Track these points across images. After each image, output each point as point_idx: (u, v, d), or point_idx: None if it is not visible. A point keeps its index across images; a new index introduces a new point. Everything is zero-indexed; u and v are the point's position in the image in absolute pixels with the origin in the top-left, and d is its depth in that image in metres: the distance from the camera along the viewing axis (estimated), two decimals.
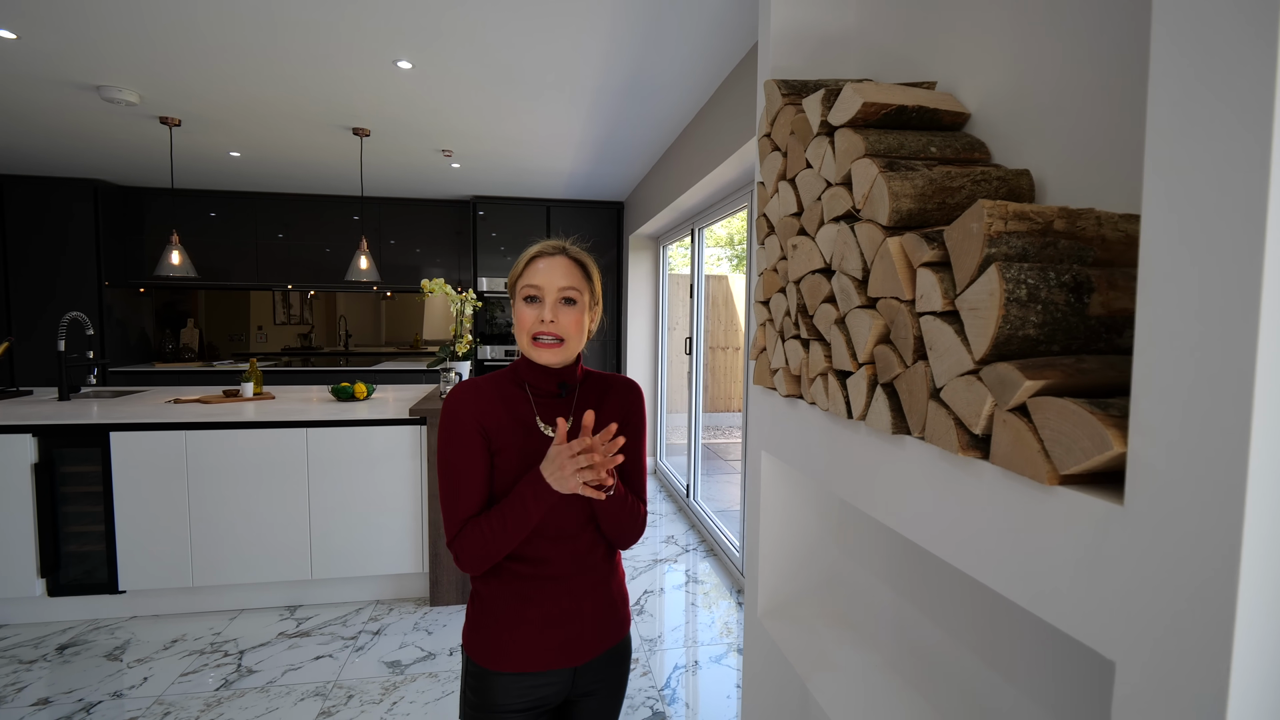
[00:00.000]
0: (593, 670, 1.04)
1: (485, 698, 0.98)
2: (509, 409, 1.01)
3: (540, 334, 1.00)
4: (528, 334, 1.00)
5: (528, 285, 1.00)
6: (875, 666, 1.27)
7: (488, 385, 1.03)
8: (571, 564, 1.01)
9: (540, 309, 1.00)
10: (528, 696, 0.98)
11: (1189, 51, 0.52)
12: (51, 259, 4.47)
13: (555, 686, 1.00)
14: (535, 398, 1.04)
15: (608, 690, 1.07)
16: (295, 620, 2.63)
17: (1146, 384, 0.54)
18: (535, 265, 1.01)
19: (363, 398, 3.10)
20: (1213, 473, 0.48)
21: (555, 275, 1.00)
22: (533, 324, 1.00)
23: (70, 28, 2.13)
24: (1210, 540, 0.48)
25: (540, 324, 0.99)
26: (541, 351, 1.01)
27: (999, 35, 0.98)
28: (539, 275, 1.01)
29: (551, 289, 1.00)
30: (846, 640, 1.36)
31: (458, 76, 2.53)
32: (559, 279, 1.01)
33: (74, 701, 2.06)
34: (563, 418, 1.00)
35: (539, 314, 1.00)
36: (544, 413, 1.03)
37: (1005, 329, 0.68)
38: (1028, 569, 0.67)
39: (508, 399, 1.02)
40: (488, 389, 1.02)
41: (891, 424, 0.87)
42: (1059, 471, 0.61)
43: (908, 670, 1.22)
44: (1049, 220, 0.73)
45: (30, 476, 2.50)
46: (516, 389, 1.03)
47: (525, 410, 1.02)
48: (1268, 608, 0.47)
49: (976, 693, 1.05)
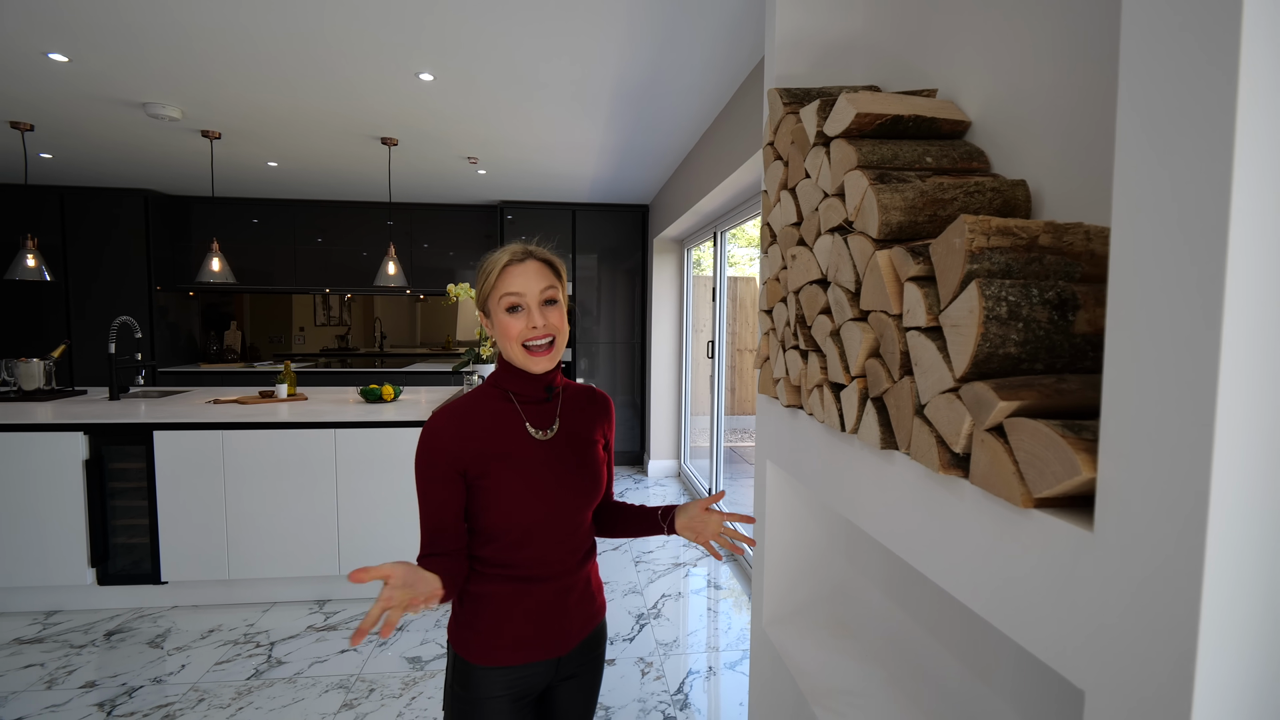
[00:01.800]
0: (574, 657, 1.07)
1: (473, 690, 1.00)
2: (496, 427, 1.00)
3: (531, 340, 0.99)
4: (517, 343, 0.99)
5: (509, 294, 0.98)
6: (878, 682, 1.25)
7: (469, 409, 1.01)
8: (563, 562, 1.04)
9: (526, 315, 0.99)
10: (514, 688, 1.01)
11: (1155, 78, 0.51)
12: (107, 264, 4.73)
13: (540, 676, 1.04)
14: (523, 405, 1.04)
15: (588, 671, 1.11)
16: (324, 614, 2.73)
17: (1115, 410, 0.53)
18: (510, 273, 0.99)
19: (390, 399, 3.19)
20: (1178, 503, 0.47)
21: (532, 279, 0.99)
22: (522, 332, 0.98)
23: (117, 50, 2.25)
24: (1175, 572, 0.47)
25: (531, 330, 0.98)
26: (538, 359, 1.00)
27: (1000, 43, 0.96)
28: (517, 282, 0.98)
29: (533, 293, 0.99)
30: (850, 653, 1.35)
31: (478, 87, 2.58)
32: (537, 282, 0.99)
33: (118, 685, 2.19)
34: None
35: (526, 321, 0.98)
36: (533, 419, 1.04)
37: (985, 347, 0.67)
38: (1004, 592, 0.66)
39: (493, 416, 1.01)
40: (469, 414, 1.00)
41: (880, 439, 0.87)
42: (1033, 494, 0.60)
43: (910, 688, 1.20)
44: (1034, 235, 0.72)
45: (82, 472, 2.65)
46: (502, 403, 1.03)
47: (515, 421, 1.02)
48: (1230, 644, 0.46)
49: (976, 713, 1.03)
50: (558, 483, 1.02)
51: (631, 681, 2.24)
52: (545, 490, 1.00)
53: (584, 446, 1.08)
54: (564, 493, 1.02)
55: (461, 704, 1.01)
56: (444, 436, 0.97)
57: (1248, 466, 0.45)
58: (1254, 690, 0.47)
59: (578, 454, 1.06)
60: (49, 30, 2.11)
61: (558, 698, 1.09)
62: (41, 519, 2.64)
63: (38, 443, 2.62)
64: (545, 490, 1.00)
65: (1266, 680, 0.47)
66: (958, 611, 1.07)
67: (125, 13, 1.99)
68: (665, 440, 5.15)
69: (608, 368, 5.35)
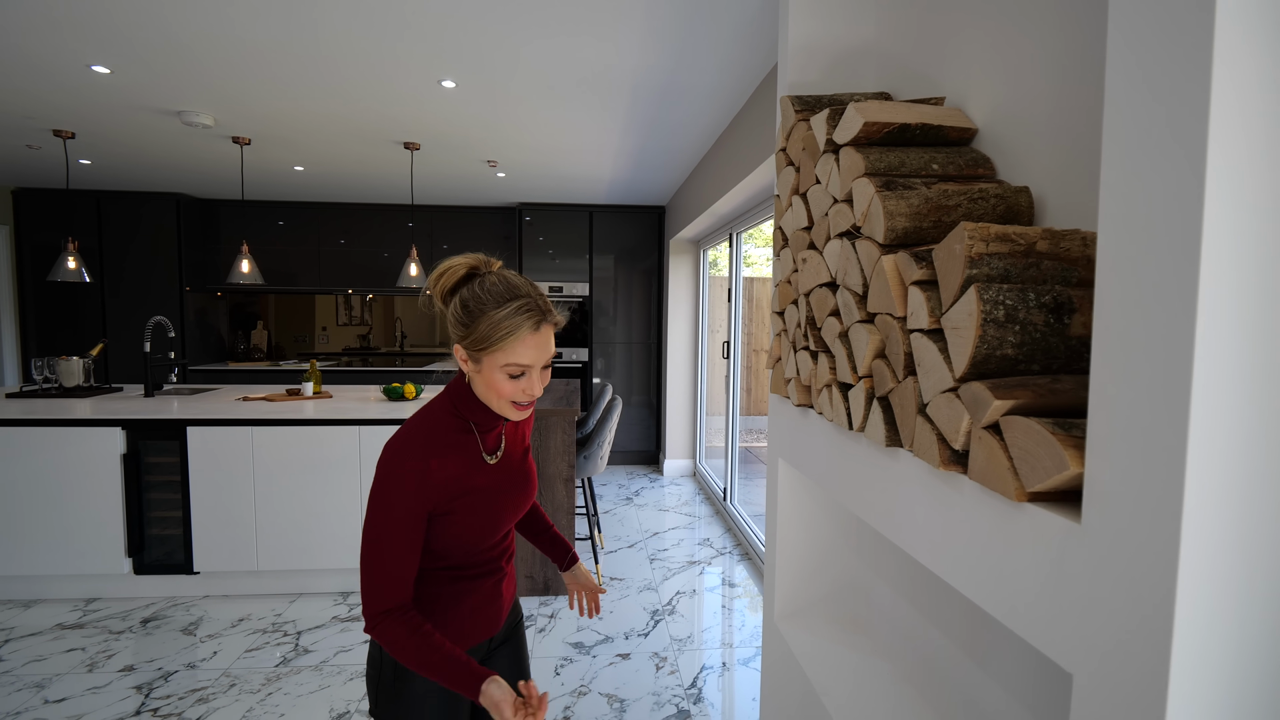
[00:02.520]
0: (500, 633, 1.16)
1: (406, 684, 1.01)
2: (460, 461, 0.99)
3: (521, 404, 0.97)
4: (506, 399, 0.96)
5: (515, 364, 0.93)
6: (886, 676, 1.28)
7: (435, 445, 0.96)
8: (500, 559, 1.11)
9: (526, 382, 0.95)
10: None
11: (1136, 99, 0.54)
12: (140, 266, 4.89)
13: (480, 654, 1.11)
14: (481, 434, 1.03)
15: (514, 639, 1.20)
16: (347, 605, 2.81)
17: (1100, 410, 0.56)
18: (525, 343, 0.92)
19: (412, 398, 3.27)
20: (1156, 497, 0.50)
21: (543, 349, 0.95)
22: (515, 393, 0.95)
23: (156, 62, 2.35)
24: (1153, 561, 0.50)
25: (526, 395, 0.96)
26: (520, 412, 0.98)
27: (1008, 52, 0.98)
28: (529, 354, 0.93)
29: (540, 363, 0.95)
30: (860, 647, 1.38)
31: (497, 93, 2.64)
32: (545, 351, 0.95)
33: (154, 670, 2.28)
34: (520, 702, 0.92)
35: (524, 386, 0.95)
36: (488, 445, 1.04)
37: (983, 348, 0.70)
38: (999, 581, 0.69)
39: (458, 449, 0.99)
40: (436, 451, 0.96)
41: (885, 437, 0.90)
42: (1026, 489, 0.64)
43: (918, 680, 1.23)
44: (1032, 242, 0.75)
45: (120, 466, 2.77)
46: (463, 434, 1.00)
47: (474, 451, 1.02)
48: (1203, 629, 0.49)
49: (984, 709, 1.06)
50: (508, 503, 1.06)
51: (646, 675, 2.29)
52: (500, 514, 1.05)
53: (521, 459, 1.12)
54: (512, 511, 1.08)
55: (394, 700, 1.01)
56: (413, 480, 0.92)
57: (1220, 464, 0.48)
58: (1227, 671, 0.50)
59: (518, 469, 1.10)
60: (94, 44, 2.21)
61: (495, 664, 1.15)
62: (82, 510, 2.76)
63: (79, 437, 2.74)
64: (500, 514, 1.05)
65: (1239, 662, 0.50)
66: (964, 606, 1.09)
67: (165, 27, 2.08)
68: (681, 440, 5.19)
69: (624, 368, 5.40)
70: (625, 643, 2.52)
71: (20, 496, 2.73)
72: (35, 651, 2.40)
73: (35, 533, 2.75)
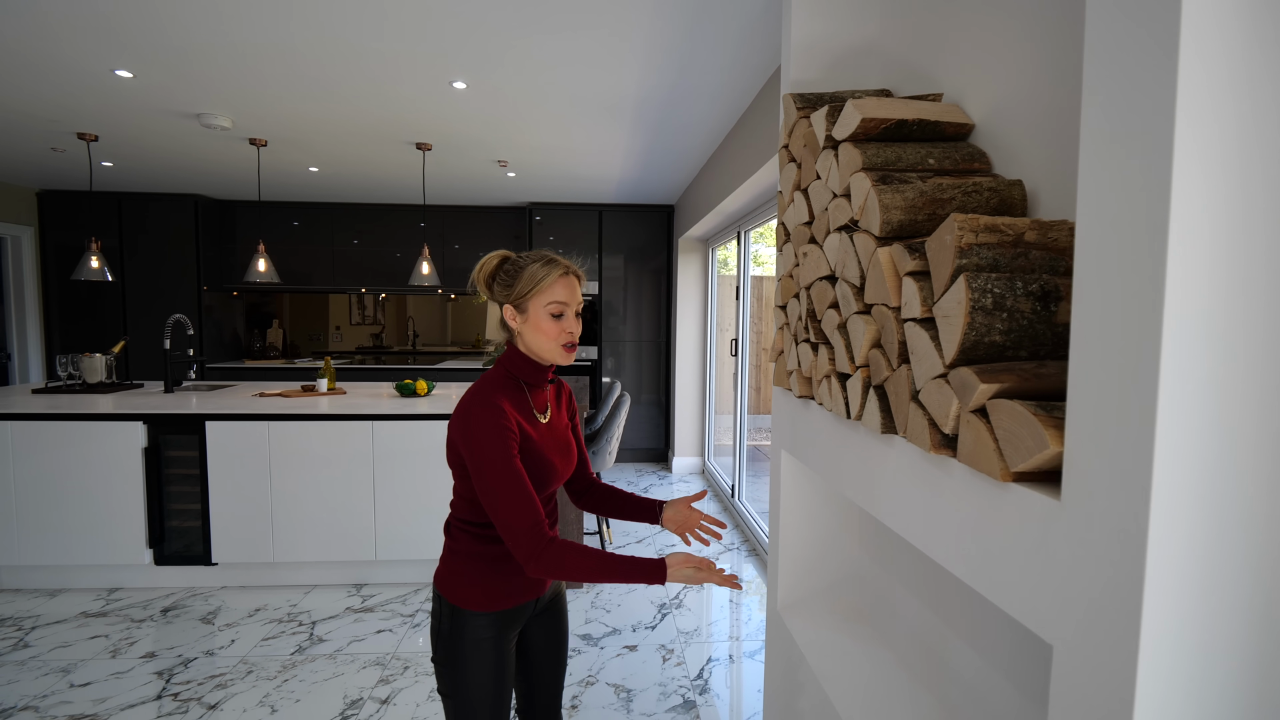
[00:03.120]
0: (545, 598, 1.27)
1: (469, 633, 1.14)
2: (521, 410, 1.17)
3: (568, 343, 1.17)
4: (555, 341, 1.15)
5: (556, 302, 1.14)
6: (886, 663, 1.30)
7: (501, 394, 1.13)
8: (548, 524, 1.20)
9: (565, 322, 1.16)
10: (503, 628, 1.17)
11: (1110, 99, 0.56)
12: (158, 265, 5.00)
13: (524, 614, 1.22)
14: (531, 392, 1.21)
15: (554, 609, 1.30)
16: (360, 597, 2.87)
17: (1078, 392, 0.58)
18: (560, 284, 1.14)
19: (424, 394, 3.32)
20: (1127, 474, 0.52)
21: (575, 293, 1.17)
22: (560, 334, 1.15)
23: (177, 66, 2.42)
24: (1125, 536, 0.53)
25: (568, 334, 1.16)
26: (569, 354, 1.18)
27: (1001, 50, 1.01)
28: (564, 293, 1.15)
29: (574, 304, 1.17)
30: (860, 636, 1.40)
31: (508, 94, 2.69)
32: (576, 296, 1.18)
33: (174, 657, 2.35)
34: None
35: (564, 326, 1.15)
36: (537, 404, 1.22)
37: (971, 335, 0.73)
38: (987, 560, 0.71)
39: (517, 400, 1.17)
40: (507, 396, 1.14)
41: (881, 424, 0.93)
42: (1010, 469, 0.66)
43: (917, 667, 1.25)
44: (1020, 232, 0.77)
45: (141, 460, 2.84)
46: (516, 390, 1.17)
47: (525, 404, 1.19)
48: (1170, 600, 0.51)
49: (982, 695, 1.08)
50: (555, 462, 1.19)
51: (653, 666, 2.32)
52: (549, 469, 1.17)
53: (564, 430, 1.28)
54: (558, 468, 1.20)
55: (452, 643, 1.15)
56: (494, 417, 1.08)
57: (1186, 443, 0.50)
58: (1194, 639, 0.52)
59: (562, 435, 1.26)
60: (118, 49, 2.28)
61: (530, 634, 1.27)
62: (104, 502, 2.84)
63: (102, 432, 2.82)
64: (549, 469, 1.17)
65: (1206, 630, 0.52)
66: (960, 593, 1.12)
67: (186, 31, 2.14)
68: (689, 438, 5.21)
69: (633, 366, 5.43)
70: (633, 635, 2.55)
71: (46, 489, 2.82)
72: (61, 638, 2.47)
73: (60, 524, 2.83)
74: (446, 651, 1.15)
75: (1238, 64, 0.49)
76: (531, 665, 1.28)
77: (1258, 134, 0.49)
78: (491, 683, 1.15)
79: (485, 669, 1.14)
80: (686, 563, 1.06)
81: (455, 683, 1.14)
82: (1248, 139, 0.49)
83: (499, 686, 1.16)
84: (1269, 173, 0.50)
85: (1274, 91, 0.49)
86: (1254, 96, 0.49)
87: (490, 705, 1.15)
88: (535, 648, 1.28)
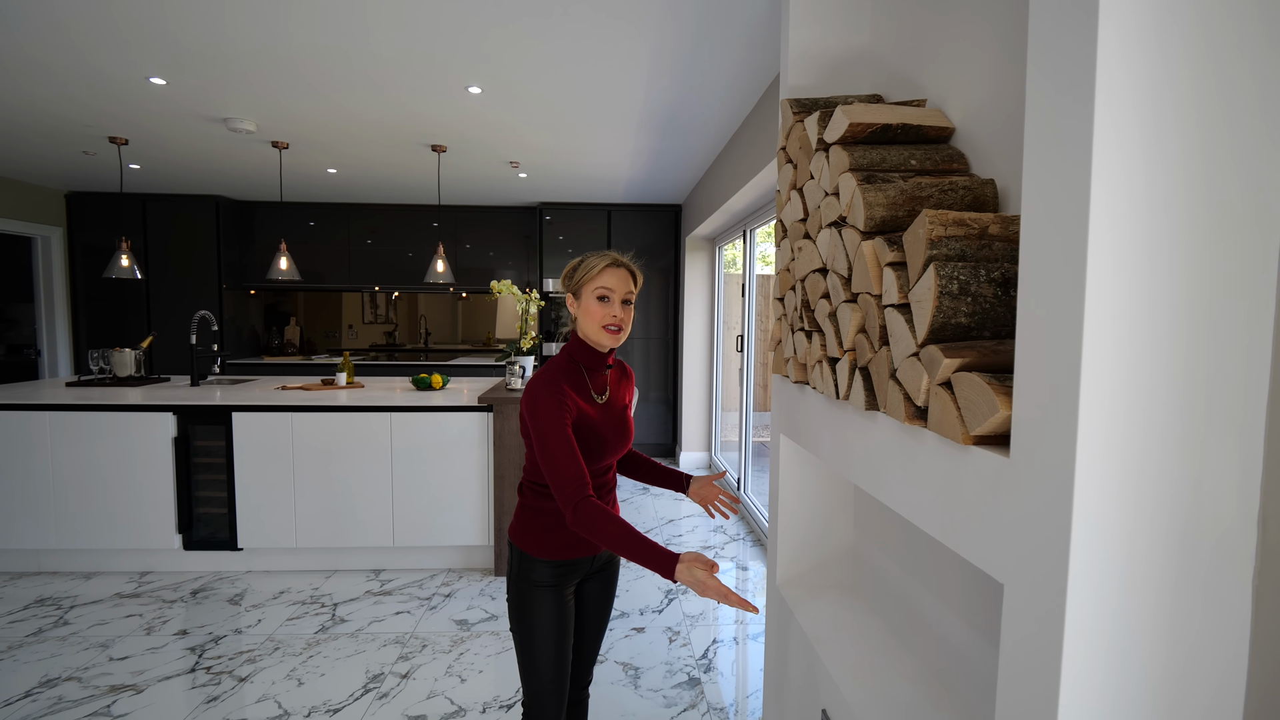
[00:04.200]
0: (600, 558, 1.43)
1: (534, 577, 1.34)
2: (579, 390, 1.34)
3: (610, 325, 1.32)
4: (599, 324, 1.31)
5: (603, 287, 1.31)
6: (874, 630, 1.39)
7: (560, 374, 1.32)
8: (602, 491, 1.40)
9: (610, 306, 1.31)
10: (562, 577, 1.35)
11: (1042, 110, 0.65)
12: (181, 264, 5.16)
13: (580, 569, 1.39)
14: (590, 375, 1.37)
15: (608, 572, 1.48)
16: (379, 582, 2.98)
17: (1023, 362, 0.68)
18: (607, 273, 1.31)
19: (439, 388, 3.44)
20: (1058, 434, 0.62)
21: (621, 282, 1.32)
22: (604, 317, 1.31)
23: (208, 72, 2.55)
24: (1055, 486, 0.62)
25: (612, 318, 1.31)
26: (611, 336, 1.33)
27: (979, 58, 1.10)
28: (611, 280, 1.31)
29: (620, 292, 1.32)
30: (852, 607, 1.49)
31: (522, 98, 2.79)
32: (624, 285, 1.33)
33: (205, 634, 2.48)
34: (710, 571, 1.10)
35: (609, 310, 1.31)
36: (595, 386, 1.38)
37: (939, 318, 0.82)
38: (951, 515, 0.81)
39: (576, 382, 1.34)
40: (561, 376, 1.32)
41: (865, 401, 1.02)
42: (970, 433, 0.76)
43: (904, 633, 1.34)
44: (985, 226, 0.86)
45: (171, 449, 2.97)
46: (576, 373, 1.34)
47: (584, 385, 1.35)
48: (1093, 539, 0.60)
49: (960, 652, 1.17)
50: (611, 438, 1.37)
51: (659, 647, 2.42)
52: (605, 444, 1.35)
53: (622, 409, 1.44)
54: (612, 443, 1.37)
55: (521, 586, 1.34)
56: (555, 398, 1.25)
57: (1105, 406, 0.59)
58: (1116, 570, 0.61)
59: (618, 415, 1.41)
60: (155, 58, 2.41)
61: (585, 591, 1.45)
62: (136, 490, 2.97)
63: (134, 422, 2.96)
64: (605, 444, 1.35)
65: (1126, 562, 0.61)
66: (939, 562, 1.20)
67: (219, 40, 2.26)
68: (696, 433, 5.31)
69: (642, 363, 5.53)
70: (640, 618, 2.65)
71: (81, 476, 2.96)
72: (98, 617, 2.61)
73: (94, 510, 2.97)
74: (515, 592, 1.34)
75: (1144, 93, 0.58)
76: (581, 618, 1.45)
77: (1162, 150, 0.58)
78: (551, 621, 1.32)
79: (546, 608, 1.32)
80: (697, 561, 1.09)
81: (521, 618, 1.33)
82: (1153, 155, 0.58)
83: (559, 626, 1.33)
84: (1174, 182, 0.59)
85: (1177, 107, 0.58)
86: (1159, 117, 0.58)
87: (551, 640, 1.32)
88: (587, 602, 1.46)
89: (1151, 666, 0.62)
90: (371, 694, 2.09)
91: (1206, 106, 0.59)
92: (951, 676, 1.17)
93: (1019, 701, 0.68)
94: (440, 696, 2.09)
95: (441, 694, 2.10)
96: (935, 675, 1.22)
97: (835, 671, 1.26)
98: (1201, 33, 0.58)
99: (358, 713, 1.99)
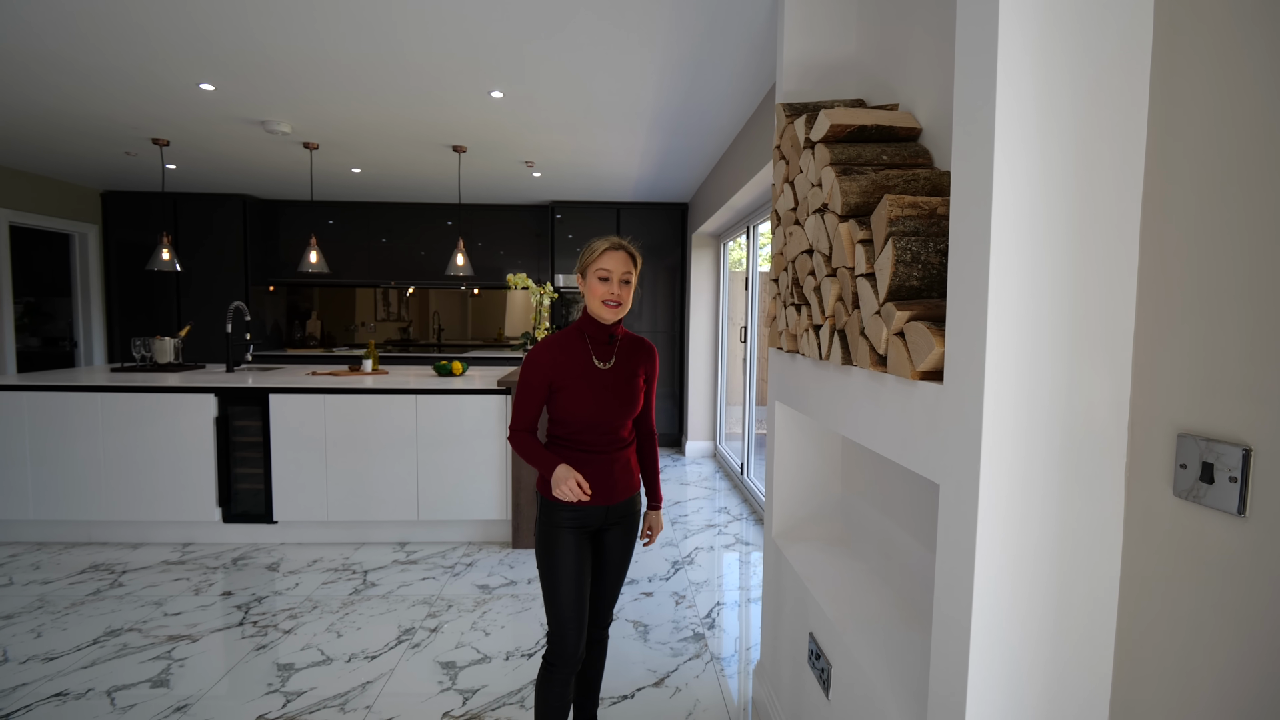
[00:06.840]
0: (618, 509, 1.59)
1: (553, 520, 1.52)
2: (574, 354, 1.53)
3: (608, 300, 1.50)
4: (599, 300, 1.50)
5: (602, 268, 1.50)
6: (860, 572, 1.59)
7: (560, 339, 1.54)
8: (610, 446, 1.55)
9: (609, 285, 1.50)
10: (578, 522, 1.53)
11: (964, 106, 0.85)
12: (210, 260, 5.40)
13: (595, 516, 1.55)
14: (592, 344, 1.55)
15: (628, 523, 1.63)
16: (405, 553, 3.20)
17: (953, 311, 0.87)
18: (607, 255, 1.50)
19: (459, 373, 3.65)
20: (973, 362, 0.81)
21: (619, 263, 1.50)
22: (604, 294, 1.50)
23: (252, 78, 2.77)
24: (971, 400, 0.82)
25: (610, 294, 1.50)
26: (609, 311, 1.51)
27: (940, 70, 1.29)
28: (610, 262, 1.49)
29: (618, 272, 1.50)
30: (840, 553, 1.69)
31: (540, 102, 3.00)
32: (622, 266, 1.50)
33: (248, 595, 2.69)
34: (584, 481, 1.45)
35: (609, 289, 1.50)
36: (597, 354, 1.56)
37: (896, 281, 1.02)
38: (905, 439, 1.01)
39: (573, 349, 1.54)
40: (560, 342, 1.53)
41: (842, 357, 1.22)
42: (916, 370, 0.95)
43: (886, 573, 1.53)
44: (934, 207, 1.06)
45: (213, 428, 3.20)
46: (580, 340, 1.55)
47: (585, 353, 1.55)
48: (999, 440, 0.80)
49: (930, 581, 1.36)
50: (611, 399, 1.54)
51: (666, 608, 2.62)
52: (603, 405, 1.53)
53: (629, 377, 1.58)
54: (611, 402, 1.53)
55: (545, 528, 1.53)
56: (543, 357, 1.51)
57: (1005, 340, 0.79)
58: (1016, 468, 0.81)
59: (623, 381, 1.57)
60: (206, 66, 2.63)
61: (606, 539, 1.62)
62: (180, 466, 3.20)
63: (179, 403, 3.18)
64: (603, 405, 1.53)
65: (1023, 462, 0.81)
66: (911, 503, 1.40)
67: (264, 47, 2.48)
68: (701, 424, 5.50)
69: None
70: (649, 584, 2.85)
71: (129, 453, 3.19)
72: (148, 580, 2.83)
73: (141, 484, 3.20)
74: (539, 534, 1.54)
75: (1036, 108, 0.77)
76: (602, 563, 1.62)
77: (1058, 146, 0.78)
78: (571, 557, 1.50)
79: (566, 546, 1.51)
80: (569, 474, 1.41)
81: (545, 555, 1.52)
82: (1049, 147, 0.78)
83: (577, 562, 1.51)
84: (1064, 172, 0.79)
85: (1070, 111, 0.78)
86: (1052, 120, 0.78)
87: (571, 574, 1.50)
88: (608, 550, 1.62)
89: (1044, 545, 0.82)
90: (404, 644, 2.30)
91: (1080, 109, 0.78)
92: (920, 602, 1.36)
93: (948, 572, 0.88)
94: (467, 647, 2.29)
95: (468, 645, 2.31)
96: (908, 602, 1.41)
97: (821, 600, 1.45)
98: (1080, 44, 0.77)
99: (394, 659, 2.20)
